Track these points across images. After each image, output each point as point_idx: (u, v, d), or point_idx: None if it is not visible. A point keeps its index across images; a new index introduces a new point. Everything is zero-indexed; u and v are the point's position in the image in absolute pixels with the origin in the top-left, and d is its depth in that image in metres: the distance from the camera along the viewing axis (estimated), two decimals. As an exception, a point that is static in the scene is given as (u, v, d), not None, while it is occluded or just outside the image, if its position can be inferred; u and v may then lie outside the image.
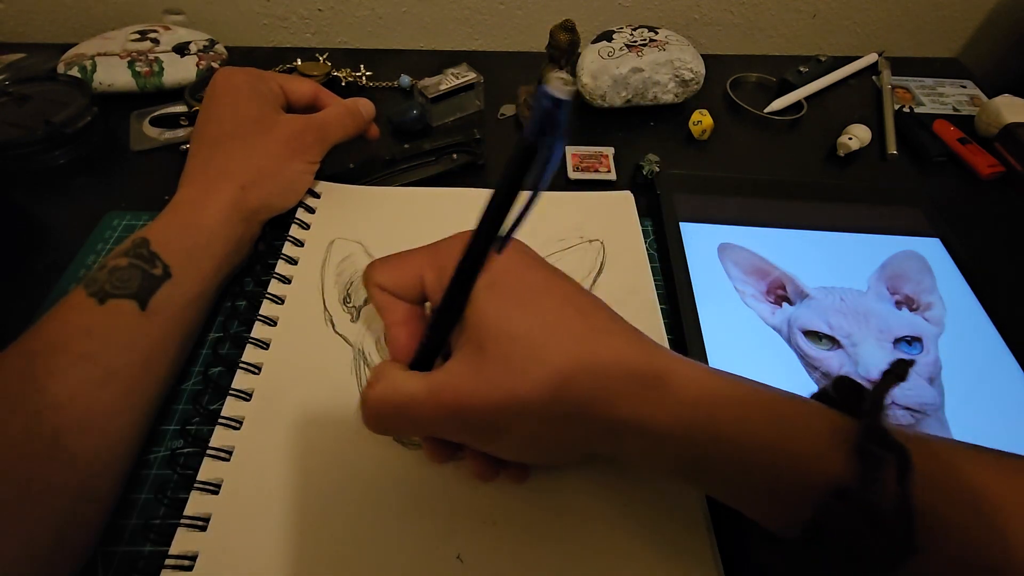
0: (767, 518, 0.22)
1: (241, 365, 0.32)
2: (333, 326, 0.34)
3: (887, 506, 0.18)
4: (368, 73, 0.58)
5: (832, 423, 0.21)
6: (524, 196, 0.18)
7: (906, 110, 0.57)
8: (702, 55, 0.55)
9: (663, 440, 0.22)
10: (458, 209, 0.42)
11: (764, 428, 0.21)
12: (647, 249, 0.41)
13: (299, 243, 0.38)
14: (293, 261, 0.37)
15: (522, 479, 0.28)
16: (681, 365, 0.23)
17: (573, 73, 0.53)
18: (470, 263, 0.22)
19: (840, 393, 0.22)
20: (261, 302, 0.35)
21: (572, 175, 0.48)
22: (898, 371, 0.21)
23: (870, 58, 0.64)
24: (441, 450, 0.28)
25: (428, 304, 0.29)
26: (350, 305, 0.35)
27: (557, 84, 0.15)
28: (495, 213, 0.19)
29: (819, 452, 0.20)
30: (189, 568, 0.25)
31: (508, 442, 0.24)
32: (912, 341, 0.36)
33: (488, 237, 0.20)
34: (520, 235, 0.40)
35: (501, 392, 0.22)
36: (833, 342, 0.36)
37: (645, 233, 0.42)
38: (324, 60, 0.59)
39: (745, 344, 0.36)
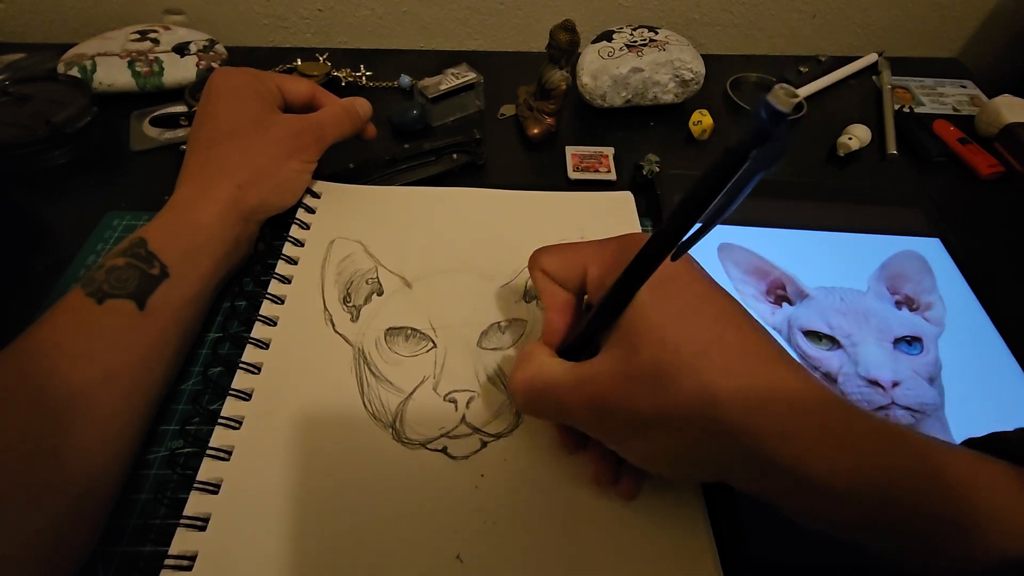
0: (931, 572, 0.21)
1: (241, 365, 0.32)
2: (333, 326, 0.34)
3: None
4: (368, 73, 0.58)
5: (1010, 476, 0.20)
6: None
7: (906, 110, 0.57)
8: (702, 55, 0.55)
9: (819, 489, 0.20)
10: (458, 209, 0.42)
11: (945, 489, 0.19)
12: (647, 249, 0.41)
13: (299, 243, 0.38)
14: (293, 261, 0.37)
15: (632, 496, 0.28)
16: (850, 407, 0.21)
17: (573, 73, 0.53)
18: (643, 264, 0.21)
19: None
20: (261, 302, 0.35)
21: (572, 175, 0.48)
22: None
23: (870, 58, 0.63)
24: (570, 440, 0.28)
25: (586, 297, 0.29)
26: (350, 305, 0.35)
27: (779, 95, 0.14)
28: (682, 219, 0.18)
29: (1000, 506, 0.19)
30: (188, 568, 0.25)
31: (640, 447, 0.24)
32: (912, 341, 0.36)
33: (669, 242, 0.19)
34: (520, 235, 0.40)
35: (646, 398, 0.22)
36: (833, 342, 0.36)
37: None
38: (324, 60, 0.59)
39: (745, 344, 0.36)
